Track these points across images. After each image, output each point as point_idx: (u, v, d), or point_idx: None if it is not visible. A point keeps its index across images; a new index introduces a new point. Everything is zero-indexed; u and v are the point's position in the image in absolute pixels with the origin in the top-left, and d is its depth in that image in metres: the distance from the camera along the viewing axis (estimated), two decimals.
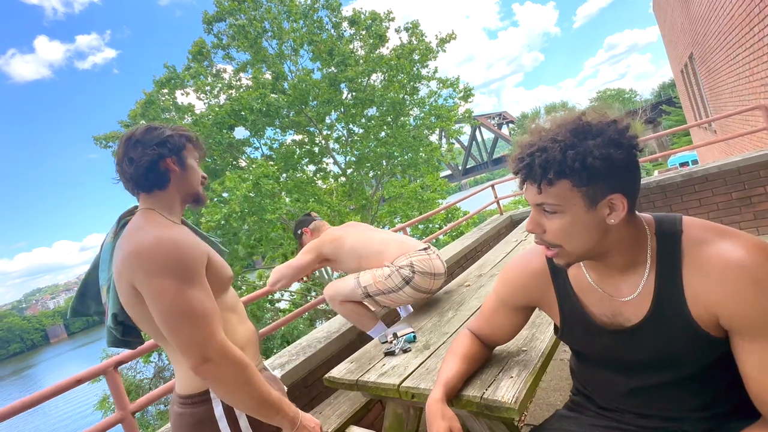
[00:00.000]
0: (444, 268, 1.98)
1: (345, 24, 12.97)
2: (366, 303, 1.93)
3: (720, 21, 5.14)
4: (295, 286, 14.29)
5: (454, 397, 1.04)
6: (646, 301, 0.79)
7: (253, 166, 11.28)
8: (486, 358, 1.17)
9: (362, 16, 12.85)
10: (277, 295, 13.40)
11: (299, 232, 2.27)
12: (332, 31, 12.90)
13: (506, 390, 1.04)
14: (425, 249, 1.97)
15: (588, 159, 0.69)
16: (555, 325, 0.99)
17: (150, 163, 0.98)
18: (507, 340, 1.13)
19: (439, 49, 13.42)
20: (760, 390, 0.70)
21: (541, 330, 1.32)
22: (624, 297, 0.82)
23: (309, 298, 13.87)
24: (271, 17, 12.35)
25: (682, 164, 14.65)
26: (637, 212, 0.80)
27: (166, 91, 12.36)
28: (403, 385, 1.23)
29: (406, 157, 13.43)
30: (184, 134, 1.06)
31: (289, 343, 11.63)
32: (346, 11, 13.06)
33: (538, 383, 1.11)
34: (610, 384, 0.91)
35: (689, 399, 0.81)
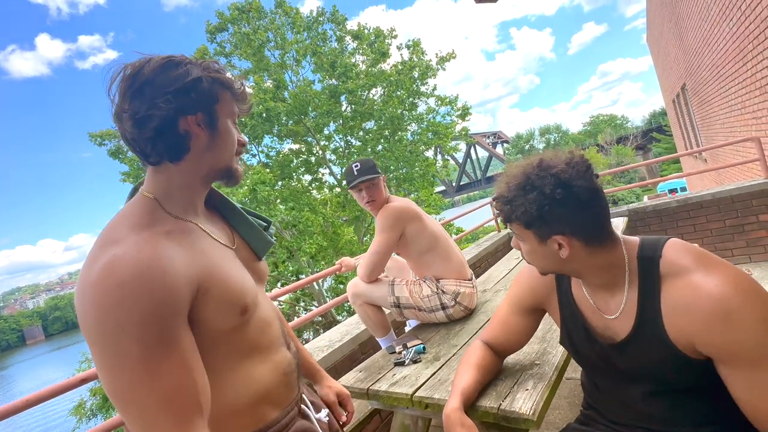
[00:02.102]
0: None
1: (348, 38, 13.19)
2: (390, 310, 1.89)
3: (714, 55, 5.34)
4: (284, 296, 14.13)
5: (470, 407, 1.05)
6: (630, 319, 0.84)
7: (250, 172, 11.26)
8: (499, 368, 1.19)
9: (366, 31, 13.09)
10: None
11: (375, 175, 1.80)
12: (335, 44, 13.10)
13: (523, 401, 1.04)
14: (471, 279, 1.90)
15: (521, 210, 0.82)
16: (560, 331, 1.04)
17: (162, 121, 0.66)
18: (519, 346, 1.15)
19: (439, 67, 13.70)
20: (753, 412, 0.73)
21: (552, 345, 1.34)
22: (611, 314, 0.88)
23: (297, 308, 13.70)
24: (274, 28, 12.51)
25: (671, 191, 14.96)
26: (622, 236, 0.87)
27: None
28: (416, 394, 1.22)
29: (402, 171, 13.56)
30: (219, 78, 0.71)
31: None
32: (351, 25, 13.30)
33: (553, 396, 1.12)
34: (614, 397, 0.94)
35: (690, 414, 0.83)
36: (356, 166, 1.84)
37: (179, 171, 0.71)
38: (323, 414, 0.88)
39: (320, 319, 12.51)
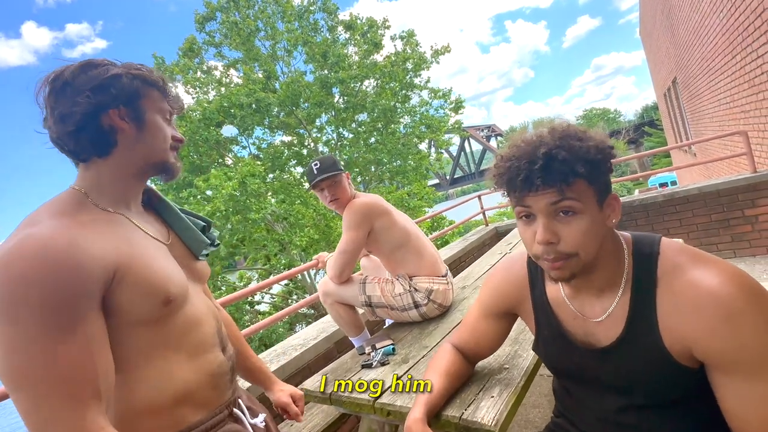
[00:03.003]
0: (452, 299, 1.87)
1: (341, 28, 12.98)
2: (362, 310, 1.84)
3: (704, 48, 5.30)
4: (276, 289, 14.07)
5: (433, 416, 0.99)
6: (619, 324, 0.77)
7: (240, 164, 11.11)
8: (468, 374, 1.13)
9: (359, 21, 12.89)
10: (257, 297, 13.16)
11: (336, 172, 1.74)
12: (327, 34, 12.89)
13: (486, 410, 0.99)
14: (445, 276, 1.84)
15: (597, 155, 0.69)
16: (534, 337, 0.97)
17: (83, 116, 0.67)
18: (490, 352, 1.10)
19: (433, 60, 13.55)
20: (742, 426, 0.67)
21: (524, 347, 1.29)
22: (596, 318, 0.80)
23: (290, 301, 13.66)
24: (264, 17, 12.27)
25: (662, 185, 15.03)
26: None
27: None
28: (379, 401, 1.17)
29: (394, 164, 13.46)
30: (141, 75, 0.73)
31: (266, 345, 11.43)
32: (343, 16, 13.08)
33: (519, 403, 1.07)
34: (588, 406, 0.88)
35: (671, 427, 0.78)
36: (316, 165, 1.76)
37: (108, 165, 0.72)
38: (259, 419, 0.85)
39: (312, 311, 12.49)
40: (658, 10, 8.61)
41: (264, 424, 0.87)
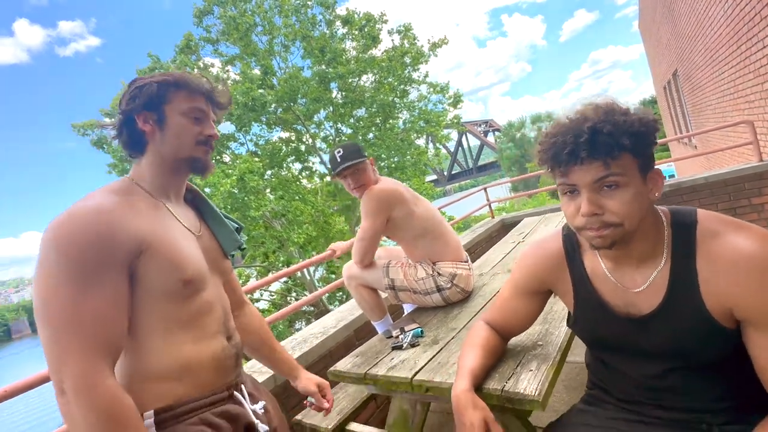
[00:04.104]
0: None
1: (338, 23, 12.92)
2: (386, 293, 1.85)
3: (707, 39, 5.32)
4: (275, 286, 14.04)
5: (476, 389, 1.00)
6: (660, 292, 0.80)
7: (238, 161, 11.06)
8: (503, 350, 1.15)
9: (356, 16, 12.83)
10: (256, 295, 13.13)
11: (359, 160, 1.72)
12: (325, 29, 12.83)
13: (528, 382, 1.00)
14: (467, 261, 1.85)
15: (641, 128, 0.72)
16: (569, 313, 0.99)
17: (122, 122, 0.83)
18: (523, 329, 1.11)
19: (431, 53, 13.51)
20: None
21: (554, 325, 1.30)
22: (636, 288, 0.83)
23: (289, 298, 13.65)
24: (261, 12, 12.19)
25: None
26: None
27: None
28: (416, 378, 1.17)
29: (393, 159, 13.44)
30: (166, 80, 0.83)
31: None
32: (340, 10, 13.01)
33: (557, 376, 1.07)
34: (626, 374, 0.90)
35: (707, 390, 0.81)
36: (339, 152, 1.75)
37: (147, 161, 0.85)
38: (259, 406, 0.92)
39: (312, 308, 12.49)
40: (658, 2, 8.62)
41: (263, 411, 0.92)
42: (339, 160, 1.75)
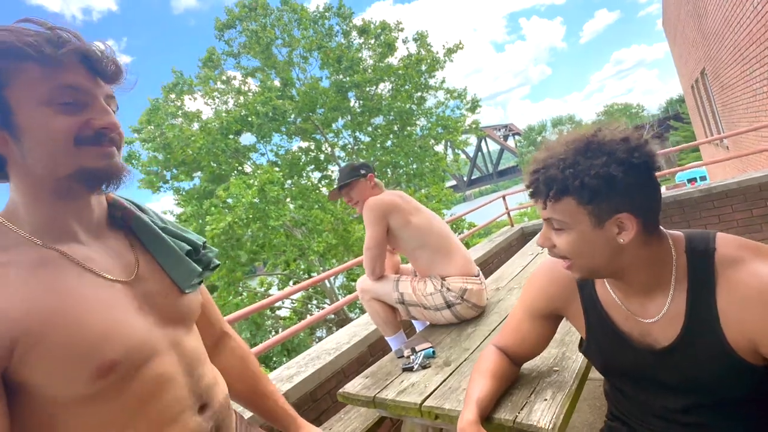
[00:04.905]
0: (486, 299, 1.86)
1: (354, 33, 13.08)
2: (397, 308, 1.87)
3: (736, 36, 5.10)
4: (297, 294, 14.16)
5: (485, 419, 0.96)
6: (676, 323, 0.75)
7: (259, 171, 11.27)
8: (515, 376, 1.10)
9: (372, 25, 12.97)
10: (277, 303, 13.28)
11: (348, 181, 1.87)
12: (342, 39, 13.01)
13: (541, 413, 0.95)
14: (478, 276, 1.83)
15: (586, 178, 0.68)
16: (581, 338, 0.95)
17: None
18: (536, 354, 1.07)
19: (447, 58, 13.49)
20: None
21: (571, 349, 1.24)
22: (650, 318, 0.78)
23: (310, 306, 13.73)
24: (281, 24, 12.47)
25: (690, 180, 14.51)
26: (664, 230, 0.77)
27: (173, 96, 12.44)
28: (425, 404, 1.14)
29: (411, 166, 13.42)
30: (3, 47, 0.50)
31: (288, 350, 11.50)
32: (356, 21, 13.19)
33: (574, 406, 1.02)
34: (643, 406, 0.85)
35: (731, 426, 0.75)
36: (336, 175, 1.92)
37: (16, 189, 0.57)
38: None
39: (333, 316, 12.52)
40: (683, 0, 8.34)
41: None
42: (336, 182, 1.89)
